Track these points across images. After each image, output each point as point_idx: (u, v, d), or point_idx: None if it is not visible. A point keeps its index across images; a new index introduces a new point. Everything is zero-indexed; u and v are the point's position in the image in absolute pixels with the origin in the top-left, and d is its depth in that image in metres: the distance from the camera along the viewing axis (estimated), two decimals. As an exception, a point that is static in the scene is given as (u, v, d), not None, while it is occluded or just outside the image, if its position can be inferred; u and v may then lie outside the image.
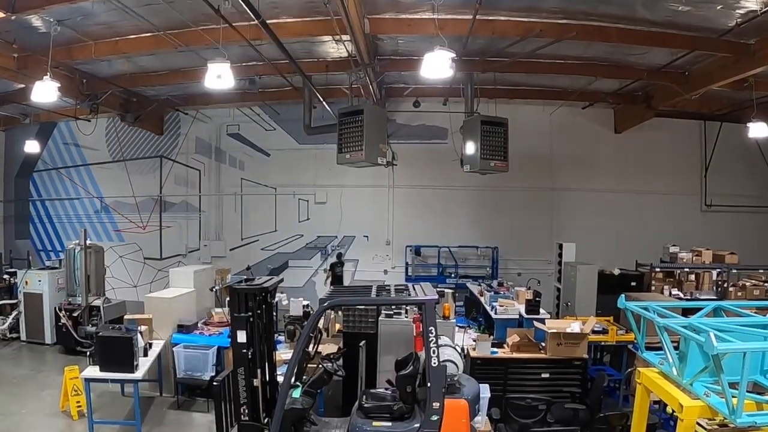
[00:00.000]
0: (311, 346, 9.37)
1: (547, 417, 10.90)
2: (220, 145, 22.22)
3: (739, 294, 16.48)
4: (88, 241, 17.44)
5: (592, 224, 20.21)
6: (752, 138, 16.90)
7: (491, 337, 13.13)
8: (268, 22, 11.30)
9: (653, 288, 16.84)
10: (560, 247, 17.58)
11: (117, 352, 11.07)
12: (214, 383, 9.00)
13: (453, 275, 20.44)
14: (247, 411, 8.65)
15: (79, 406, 12.06)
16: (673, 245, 18.18)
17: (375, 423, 8.27)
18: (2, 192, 24.37)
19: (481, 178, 18.36)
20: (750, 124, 16.32)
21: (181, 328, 13.78)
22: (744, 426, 5.66)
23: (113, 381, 12.02)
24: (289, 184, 21.59)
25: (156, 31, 13.20)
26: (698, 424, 6.26)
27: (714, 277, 17.14)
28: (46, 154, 23.56)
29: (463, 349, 11.26)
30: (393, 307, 11.39)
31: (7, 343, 17.83)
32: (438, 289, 11.13)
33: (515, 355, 11.97)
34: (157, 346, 12.85)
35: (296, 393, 8.59)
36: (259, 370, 8.81)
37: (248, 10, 10.32)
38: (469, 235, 20.79)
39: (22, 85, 15.77)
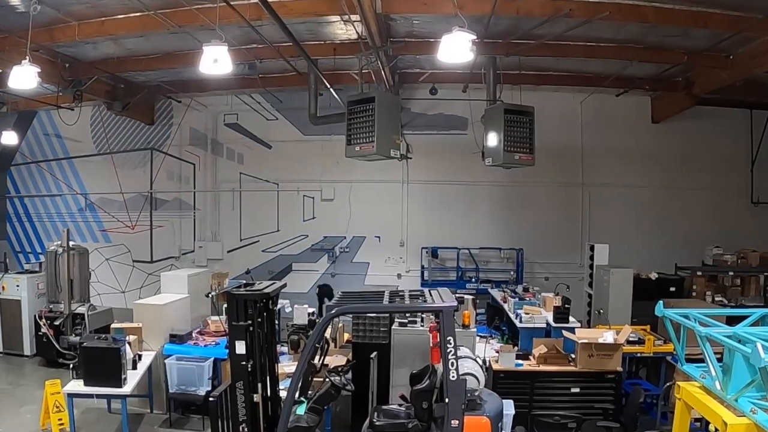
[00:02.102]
0: (317, 357, 9.37)
1: (577, 436, 10.93)
2: (217, 137, 22.27)
3: (790, 300, 16.48)
4: (71, 242, 17.44)
5: (626, 224, 20.16)
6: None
7: (516, 348, 13.16)
8: (269, 0, 11.32)
9: (694, 294, 16.84)
10: (592, 248, 17.51)
11: (103, 365, 11.12)
12: (210, 399, 9.03)
13: (474, 280, 20.45)
14: (246, 429, 8.67)
15: (62, 424, 12.06)
16: (717, 247, 18.17)
17: (387, 442, 8.29)
18: (-23, 188, 24.43)
19: (505, 173, 18.37)
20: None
21: (174, 338, 13.80)
22: (794, 446, 5.66)
23: (99, 396, 11.98)
24: (293, 179, 21.61)
25: (146, 10, 13.21)
26: (744, 443, 6.26)
27: (762, 282, 17.11)
28: (25, 146, 23.62)
29: (484, 362, 11.27)
30: (407, 315, 11.42)
31: (-18, 355, 17.93)
32: (457, 295, 11.16)
33: (542, 367, 11.99)
34: (147, 358, 12.89)
35: (301, 410, 8.61)
36: (259, 385, 8.84)
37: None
38: (491, 236, 20.80)
39: (-1, 70, 15.85)
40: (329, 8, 13.33)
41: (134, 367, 12.02)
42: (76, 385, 11.27)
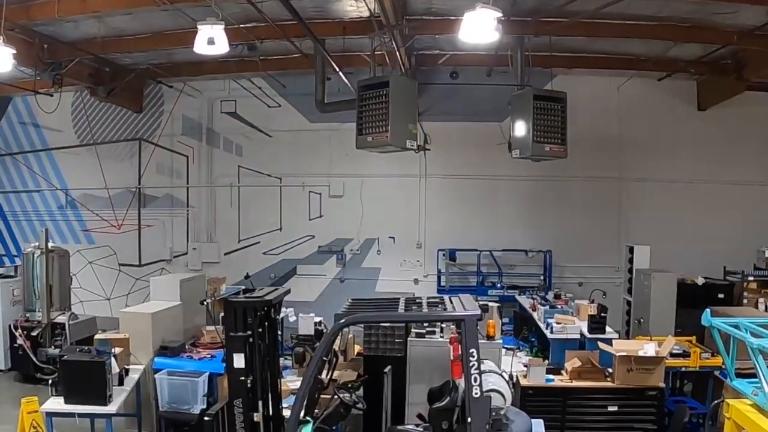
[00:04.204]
0: (324, 372, 9.36)
1: (615, 460, 10.92)
2: (213, 126, 22.31)
3: None
4: (50, 244, 17.39)
5: (670, 223, 20.09)
6: None
7: (546, 361, 13.12)
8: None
9: (745, 301, 16.76)
10: (631, 250, 17.51)
11: (86, 380, 11.09)
12: (206, 418, 9.04)
13: (498, 285, 20.41)
14: (245, 452, 8.68)
15: (40, 445, 12.13)
16: (771, 248, 18.10)
17: (403, 466, 8.29)
18: (-55, 183, 24.46)
19: (534, 166, 18.34)
20: None
21: (165, 351, 13.74)
22: None
23: (81, 415, 11.82)
24: (298, 173, 21.64)
25: (134, -16, 13.25)
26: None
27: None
28: (-1, 137, 23.74)
29: (511, 377, 11.27)
30: (425, 324, 11.41)
31: (-49, 369, 17.93)
32: (481, 303, 11.13)
33: (575, 383, 11.95)
34: (135, 373, 12.83)
35: (306, 430, 8.60)
36: (260, 402, 8.81)
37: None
38: (517, 236, 20.83)
39: (-30, 52, 15.85)
40: (338, -18, 13.37)
41: (120, 383, 11.98)
42: (56, 403, 11.23)
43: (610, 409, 11.69)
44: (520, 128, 15.88)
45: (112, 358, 11.65)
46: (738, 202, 20.21)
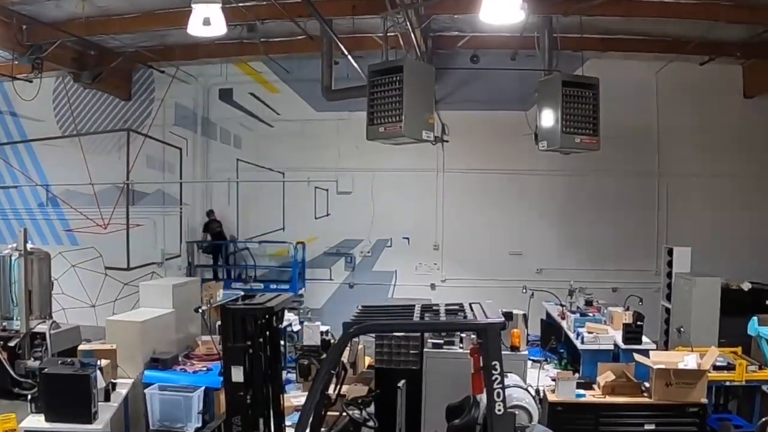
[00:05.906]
0: (332, 386, 9.35)
1: (653, 483, 10.89)
2: (209, 115, 22.33)
3: None
4: (29, 245, 17.39)
5: (713, 222, 20.06)
6: None
7: (576, 374, 13.13)
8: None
9: (797, 309, 16.75)
10: (670, 252, 17.44)
11: (68, 396, 11.06)
12: (201, 437, 9.04)
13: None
14: (245, 474, 8.66)
15: (18, 467, 12.12)
16: (824, 251, 18.08)
17: (419, 490, 8.28)
18: None
19: (563, 160, 18.34)
20: None
21: (156, 363, 13.74)
22: None
23: (64, 434, 12.03)
24: (302, 167, 21.65)
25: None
26: None
27: None
28: (-27, 127, 23.72)
29: (538, 392, 11.25)
30: (443, 334, 11.39)
31: None
32: (504, 310, 11.11)
33: (609, 399, 11.90)
34: (123, 388, 12.77)
35: (312, 450, 8.60)
36: (261, 420, 8.81)
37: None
38: (544, 236, 20.80)
39: (-58, 34, 15.87)
40: (347, -44, 13.34)
41: (107, 399, 11.94)
42: (36, 421, 11.20)
43: (648, 427, 11.66)
44: (548, 118, 15.85)
45: (98, 372, 11.61)
46: (788, 199, 20.12)
